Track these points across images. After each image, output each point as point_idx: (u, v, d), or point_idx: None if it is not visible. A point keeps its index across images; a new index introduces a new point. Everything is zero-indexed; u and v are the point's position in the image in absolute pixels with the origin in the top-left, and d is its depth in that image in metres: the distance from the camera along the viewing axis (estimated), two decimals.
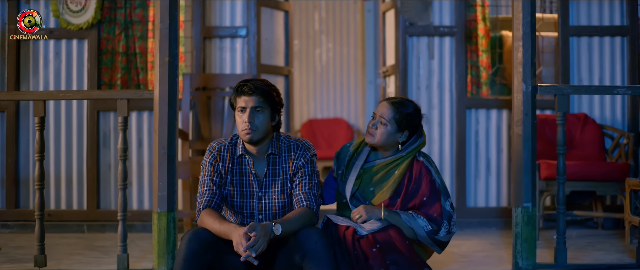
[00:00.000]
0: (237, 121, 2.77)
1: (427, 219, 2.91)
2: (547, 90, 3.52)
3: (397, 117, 2.94)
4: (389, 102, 2.98)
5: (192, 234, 2.66)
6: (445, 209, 2.94)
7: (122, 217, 3.43)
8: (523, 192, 3.42)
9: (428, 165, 2.99)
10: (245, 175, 2.84)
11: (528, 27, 3.42)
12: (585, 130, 5.01)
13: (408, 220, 2.91)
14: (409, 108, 2.97)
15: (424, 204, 2.95)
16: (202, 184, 2.83)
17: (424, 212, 2.93)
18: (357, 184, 3.00)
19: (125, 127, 3.43)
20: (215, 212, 2.75)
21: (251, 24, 5.15)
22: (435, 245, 2.96)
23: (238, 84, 2.78)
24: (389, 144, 2.97)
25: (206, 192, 2.81)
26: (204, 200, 2.79)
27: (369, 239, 2.82)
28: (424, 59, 5.23)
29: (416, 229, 2.90)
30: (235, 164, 2.85)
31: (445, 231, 2.94)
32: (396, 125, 2.94)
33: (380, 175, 3.00)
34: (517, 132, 3.43)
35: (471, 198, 5.23)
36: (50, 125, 5.15)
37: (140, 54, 5.21)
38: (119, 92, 3.69)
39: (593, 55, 5.23)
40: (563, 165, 3.51)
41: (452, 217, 2.96)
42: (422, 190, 2.95)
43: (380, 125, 2.95)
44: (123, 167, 3.43)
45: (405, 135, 2.98)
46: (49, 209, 5.10)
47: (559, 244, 3.49)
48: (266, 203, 2.84)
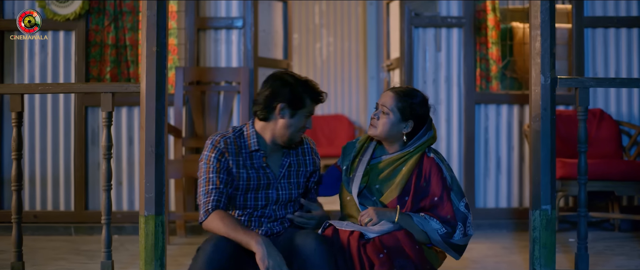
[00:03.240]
0: (297, 123, 2.63)
1: (441, 222, 2.66)
2: (567, 82, 3.25)
3: (400, 105, 2.71)
4: (392, 90, 2.77)
5: (213, 247, 2.42)
6: (459, 210, 2.69)
7: (106, 221, 3.16)
8: (541, 194, 3.15)
9: (439, 161, 2.74)
10: (259, 168, 2.64)
11: (546, 14, 3.16)
12: (601, 126, 4.76)
13: (421, 223, 2.66)
14: (413, 96, 2.74)
15: (435, 205, 2.70)
16: (206, 182, 2.57)
17: (436, 213, 2.69)
18: (365, 182, 2.77)
19: (109, 123, 3.16)
20: (227, 214, 2.52)
21: (248, 15, 4.89)
22: (452, 250, 2.71)
23: (319, 92, 2.65)
24: (392, 136, 2.74)
25: (212, 190, 2.55)
26: (211, 199, 2.54)
27: (376, 244, 2.57)
28: (431, 51, 4.97)
29: (430, 232, 2.66)
30: (247, 157, 2.63)
31: (461, 234, 2.68)
32: (399, 114, 2.72)
33: (387, 172, 2.76)
34: (534, 129, 3.17)
35: (480, 198, 4.97)
36: (36, 122, 4.89)
37: (131, 47, 4.95)
38: (102, 85, 3.43)
39: (609, 48, 4.99)
40: (585, 164, 3.24)
41: (467, 218, 2.71)
42: (433, 189, 2.71)
43: (382, 115, 2.73)
44: (107, 166, 3.16)
45: (410, 126, 2.73)
46: (35, 210, 4.86)
47: (580, 249, 3.23)
48: (283, 194, 2.67)
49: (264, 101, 2.61)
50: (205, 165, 2.59)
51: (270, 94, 2.60)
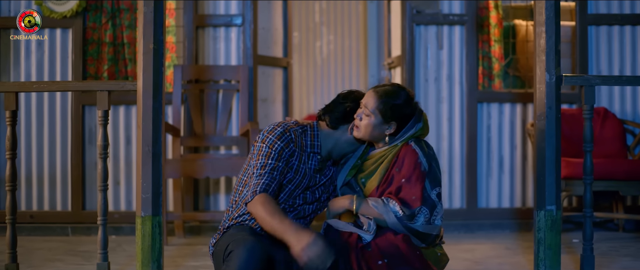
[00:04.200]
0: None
1: (401, 204, 2.55)
2: (573, 80, 3.19)
3: (382, 107, 2.60)
4: (374, 91, 2.66)
5: (248, 253, 2.34)
6: (429, 196, 2.57)
7: (102, 222, 3.10)
8: (546, 194, 3.08)
9: (417, 148, 2.63)
10: (312, 170, 2.65)
11: (552, 11, 3.09)
12: (605, 125, 4.69)
13: (376, 206, 2.56)
14: (396, 97, 2.63)
15: (400, 188, 2.59)
16: (262, 166, 2.52)
17: (399, 196, 2.57)
18: (351, 174, 2.72)
19: (105, 121, 3.10)
20: (272, 200, 2.47)
21: (247, 12, 4.83)
22: (413, 236, 2.55)
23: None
24: (375, 138, 2.66)
25: (266, 174, 2.50)
26: (262, 182, 2.49)
27: (374, 251, 2.50)
28: (433, 49, 4.90)
29: (385, 214, 2.55)
30: (306, 157, 2.64)
31: (424, 220, 2.56)
32: (381, 116, 2.61)
33: (372, 165, 2.70)
34: (539, 127, 3.10)
35: (483, 198, 4.91)
36: (32, 121, 4.83)
37: (129, 45, 4.88)
38: (98, 83, 3.37)
39: (613, 46, 4.92)
40: (590, 164, 3.18)
41: (436, 206, 2.57)
42: (403, 172, 2.60)
43: (364, 116, 2.63)
44: (103, 166, 3.10)
45: (393, 127, 2.64)
46: (31, 210, 4.79)
47: (586, 251, 3.16)
48: (315, 197, 2.69)
49: (343, 111, 2.65)
50: (267, 149, 2.54)
51: (354, 108, 2.65)
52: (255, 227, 2.59)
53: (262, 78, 5.10)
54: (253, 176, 2.53)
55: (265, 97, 5.19)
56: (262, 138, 2.59)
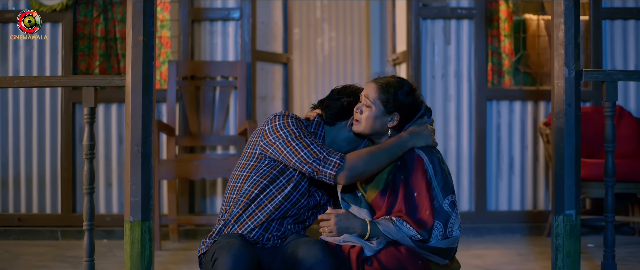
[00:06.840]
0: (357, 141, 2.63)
1: (416, 226, 2.37)
2: (593, 75, 2.98)
3: (384, 96, 2.46)
4: (374, 81, 2.53)
5: (234, 259, 2.18)
6: (441, 208, 2.38)
7: (88, 227, 2.88)
8: (565, 197, 2.87)
9: (420, 152, 2.44)
10: None
11: (571, 1, 2.88)
12: (620, 124, 4.48)
13: (389, 232, 2.38)
14: (398, 86, 2.49)
15: (415, 205, 2.40)
16: (307, 144, 2.39)
17: (413, 216, 2.39)
18: None
19: (91, 119, 2.88)
20: (355, 152, 2.42)
21: (245, 6, 4.62)
22: (432, 255, 2.39)
23: None
24: (377, 130, 2.49)
25: (315, 145, 2.38)
26: (324, 153, 2.36)
27: (375, 266, 2.31)
28: (440, 44, 4.70)
29: (401, 240, 2.38)
30: None
31: (440, 236, 2.37)
32: (382, 106, 2.47)
33: None
34: (557, 126, 2.89)
35: (492, 201, 4.70)
36: (20, 119, 4.62)
37: (121, 39, 4.68)
38: (83, 78, 3.16)
39: (628, 40, 4.74)
40: (612, 165, 2.97)
41: (450, 218, 2.38)
42: (412, 183, 2.42)
43: (365, 108, 2.48)
44: (89, 167, 2.88)
45: (396, 118, 2.47)
46: (19, 213, 4.59)
47: (608, 258, 2.95)
48: (314, 200, 2.55)
49: (340, 108, 2.54)
50: (296, 130, 2.42)
51: (352, 102, 2.54)
52: (250, 235, 2.40)
53: (261, 74, 4.89)
54: (314, 153, 2.36)
55: (265, 95, 4.98)
56: (277, 128, 2.44)
